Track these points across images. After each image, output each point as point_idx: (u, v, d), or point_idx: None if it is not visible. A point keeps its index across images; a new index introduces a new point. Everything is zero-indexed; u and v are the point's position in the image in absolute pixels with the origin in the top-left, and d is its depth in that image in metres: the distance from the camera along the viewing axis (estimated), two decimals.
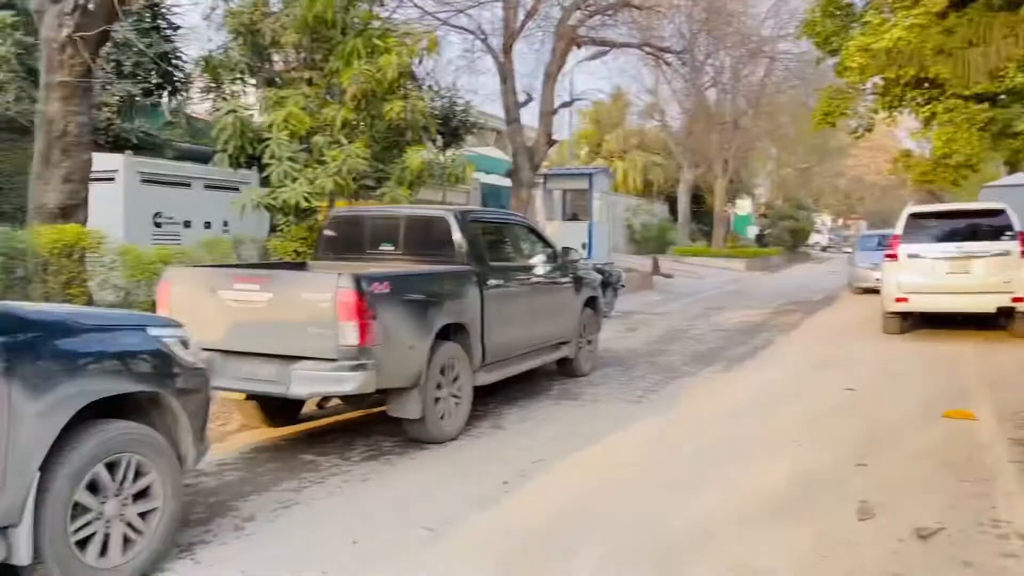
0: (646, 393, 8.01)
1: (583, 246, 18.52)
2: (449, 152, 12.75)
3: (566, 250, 8.78)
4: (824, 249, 55.90)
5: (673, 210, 37.92)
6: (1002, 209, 11.40)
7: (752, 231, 42.43)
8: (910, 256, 11.50)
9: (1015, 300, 10.84)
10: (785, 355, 10.58)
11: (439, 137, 13.99)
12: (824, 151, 41.71)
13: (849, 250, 27.91)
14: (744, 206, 44.42)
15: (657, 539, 4.20)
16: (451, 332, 6.25)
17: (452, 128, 14.75)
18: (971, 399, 7.38)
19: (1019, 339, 10.97)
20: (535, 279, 7.91)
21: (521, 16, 17.82)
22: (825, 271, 31.10)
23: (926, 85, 13.42)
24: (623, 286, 16.03)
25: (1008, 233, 11.05)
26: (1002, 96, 12.57)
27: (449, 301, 6.26)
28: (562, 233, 18.77)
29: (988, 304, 11.07)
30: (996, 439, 6.04)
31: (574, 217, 22.56)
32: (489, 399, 7.29)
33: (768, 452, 5.82)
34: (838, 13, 15.82)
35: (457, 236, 6.80)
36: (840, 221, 73.05)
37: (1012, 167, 21.00)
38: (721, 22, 26.04)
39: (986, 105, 12.89)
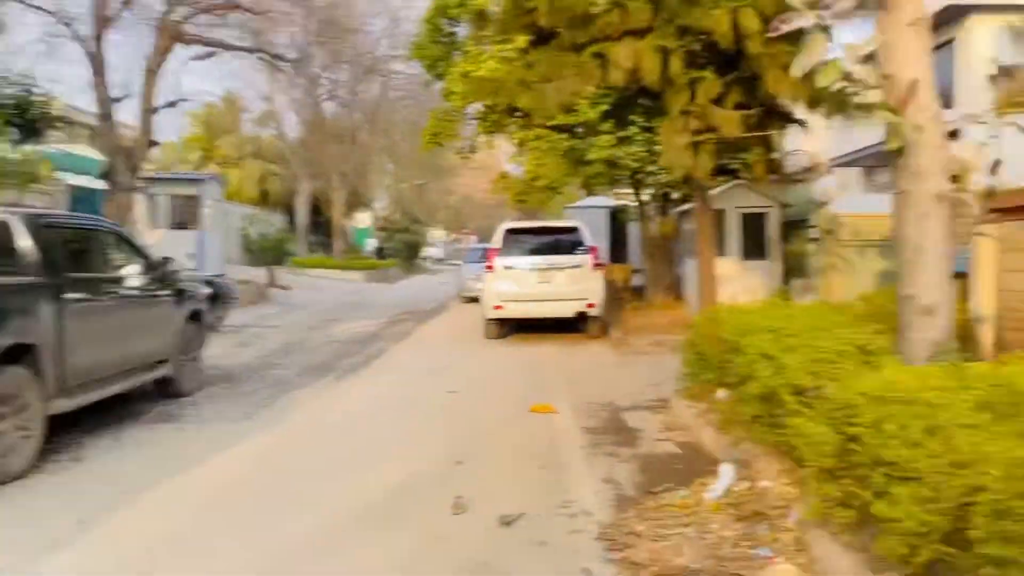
0: (256, 409, 7.70)
1: (190, 256, 17.36)
2: (26, 148, 11.12)
3: (165, 260, 8.11)
4: (439, 261, 59.45)
5: (292, 221, 37.38)
6: (576, 227, 13.12)
7: (371, 243, 43.50)
8: (505, 268, 12.67)
9: (588, 306, 12.55)
10: (397, 363, 10.96)
11: (13, 130, 12.12)
12: (437, 169, 44.19)
13: (459, 263, 29.96)
14: (363, 219, 45.42)
15: (260, 561, 4.02)
16: (16, 354, 5.39)
17: (29, 121, 12.87)
18: (554, 394, 8.29)
19: (593, 340, 12.65)
20: (126, 292, 7.18)
21: (115, 4, 16.16)
22: (438, 282, 32.91)
23: (517, 114, 14.86)
24: (236, 298, 15.37)
25: (581, 248, 12.73)
26: (578, 128, 14.35)
27: (12, 318, 5.40)
28: (168, 242, 17.39)
29: (568, 310, 12.64)
30: (571, 428, 6.85)
31: (182, 225, 21.12)
32: (72, 428, 6.44)
33: (376, 460, 5.93)
34: (444, 40, 16.85)
35: (23, 243, 5.89)
36: (453, 235, 78.05)
37: (588, 190, 24.28)
38: (334, 35, 26.29)
39: (566, 135, 14.61)
